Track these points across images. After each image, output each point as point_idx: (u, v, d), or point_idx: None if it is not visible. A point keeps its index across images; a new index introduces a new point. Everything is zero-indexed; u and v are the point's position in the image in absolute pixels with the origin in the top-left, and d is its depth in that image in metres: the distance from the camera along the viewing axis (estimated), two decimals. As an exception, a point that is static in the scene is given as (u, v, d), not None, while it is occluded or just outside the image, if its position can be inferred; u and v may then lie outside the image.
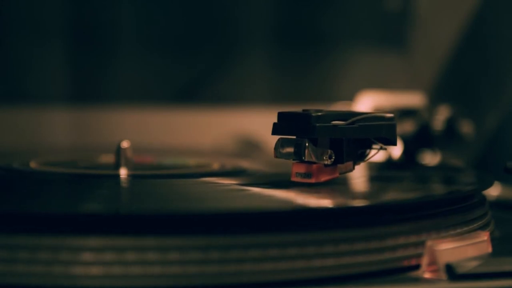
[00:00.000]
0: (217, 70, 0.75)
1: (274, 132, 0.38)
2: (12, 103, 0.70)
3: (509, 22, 0.66)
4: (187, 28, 0.74)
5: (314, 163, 0.37)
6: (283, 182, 0.38)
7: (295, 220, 0.31)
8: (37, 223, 0.29)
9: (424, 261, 0.32)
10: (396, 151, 0.56)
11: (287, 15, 0.76)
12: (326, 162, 0.37)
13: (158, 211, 0.32)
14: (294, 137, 0.37)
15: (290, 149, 0.37)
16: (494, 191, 0.51)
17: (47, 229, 0.29)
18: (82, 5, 0.72)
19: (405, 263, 0.33)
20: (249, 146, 0.70)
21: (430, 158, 0.58)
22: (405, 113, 0.59)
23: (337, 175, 0.39)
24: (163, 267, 0.29)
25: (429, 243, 0.33)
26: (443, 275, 0.32)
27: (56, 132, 0.71)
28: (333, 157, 0.38)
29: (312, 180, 0.37)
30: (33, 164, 0.47)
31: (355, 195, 0.39)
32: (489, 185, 0.41)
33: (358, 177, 0.43)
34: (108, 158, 0.49)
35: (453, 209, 0.36)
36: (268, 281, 0.30)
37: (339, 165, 0.38)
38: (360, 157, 0.39)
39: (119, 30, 0.73)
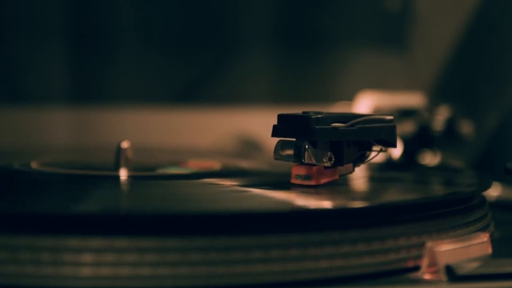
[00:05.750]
0: (217, 70, 0.75)
1: (274, 134, 0.38)
2: (12, 103, 0.70)
3: (509, 22, 0.66)
4: (187, 28, 0.74)
5: (314, 165, 0.37)
6: (283, 183, 0.38)
7: (294, 221, 0.31)
8: (35, 223, 0.30)
9: (424, 262, 0.32)
10: (396, 151, 0.56)
11: (287, 15, 0.76)
12: (326, 164, 0.37)
13: (157, 212, 0.32)
14: (294, 139, 0.37)
15: (290, 151, 0.37)
16: (494, 191, 0.51)
17: (45, 230, 0.29)
18: (82, 5, 0.72)
19: (405, 264, 0.33)
20: (249, 147, 0.70)
21: (430, 159, 0.58)
22: (405, 113, 0.58)
23: (337, 177, 0.39)
24: (162, 269, 0.29)
25: (429, 244, 0.33)
26: (443, 276, 0.32)
27: (56, 132, 0.71)
28: (333, 159, 0.38)
29: (312, 182, 0.37)
30: (33, 164, 0.47)
31: (355, 196, 0.39)
32: (489, 186, 0.41)
33: (358, 177, 0.43)
34: (108, 159, 0.49)
35: (453, 210, 0.36)
36: (267, 283, 0.30)
37: (339, 167, 0.38)
38: (360, 159, 0.39)
39: (119, 30, 0.73)
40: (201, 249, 0.30)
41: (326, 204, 0.35)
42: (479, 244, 0.34)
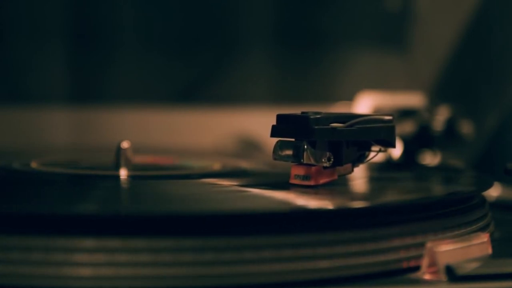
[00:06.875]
0: (218, 70, 0.75)
1: (273, 134, 0.38)
2: (12, 103, 0.70)
3: (509, 22, 0.66)
4: (187, 28, 0.74)
5: (313, 165, 0.37)
6: (282, 184, 0.38)
7: (293, 221, 0.31)
8: (33, 223, 0.30)
9: (424, 262, 0.32)
10: (396, 151, 0.56)
11: (287, 15, 0.76)
12: (324, 165, 0.37)
13: (156, 212, 0.32)
14: (293, 139, 0.37)
15: (289, 152, 0.37)
16: (494, 191, 0.51)
17: (43, 230, 0.29)
18: (82, 5, 0.72)
19: (405, 264, 0.33)
20: (249, 147, 0.70)
21: (430, 159, 0.58)
22: (405, 113, 0.58)
23: (335, 177, 0.38)
24: (161, 269, 0.29)
25: (429, 244, 0.33)
26: (443, 277, 0.32)
27: (56, 132, 0.71)
28: (332, 160, 0.38)
29: (311, 183, 0.37)
30: (33, 164, 0.47)
31: (354, 196, 0.39)
32: (489, 186, 0.41)
33: (358, 178, 0.43)
34: (108, 159, 0.49)
35: (453, 210, 0.36)
36: (266, 283, 0.30)
37: (338, 167, 0.38)
38: (359, 159, 0.39)
39: (119, 30, 0.73)
40: (195, 250, 0.30)
41: (325, 204, 0.35)
42: (479, 244, 0.34)
